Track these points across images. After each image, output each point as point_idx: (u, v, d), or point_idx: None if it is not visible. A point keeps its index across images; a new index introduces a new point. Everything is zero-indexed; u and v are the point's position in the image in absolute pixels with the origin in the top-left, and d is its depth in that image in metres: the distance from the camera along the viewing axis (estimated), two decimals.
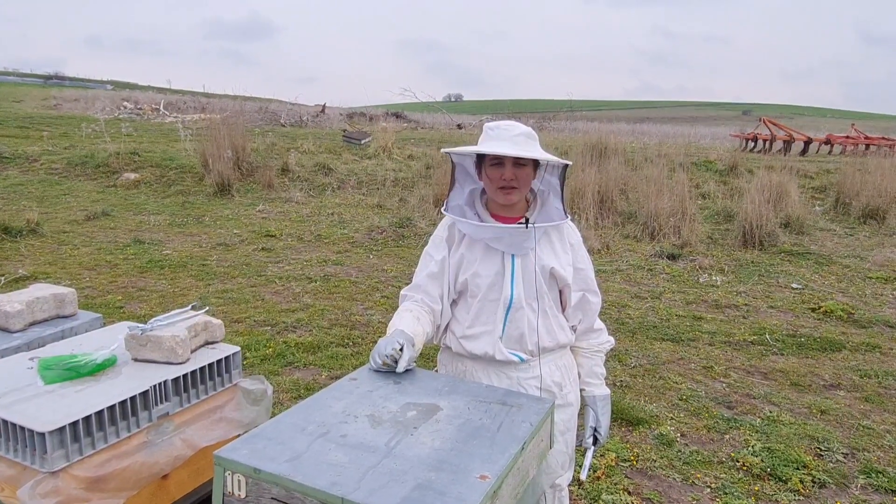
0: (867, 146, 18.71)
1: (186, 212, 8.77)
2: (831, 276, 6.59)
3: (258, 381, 1.77)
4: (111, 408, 1.42)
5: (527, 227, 1.67)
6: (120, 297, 5.16)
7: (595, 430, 1.84)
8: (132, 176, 10.39)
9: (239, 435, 1.75)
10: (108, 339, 1.75)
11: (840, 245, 7.92)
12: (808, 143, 18.63)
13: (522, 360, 1.75)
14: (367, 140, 14.03)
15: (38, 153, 11.33)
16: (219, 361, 1.70)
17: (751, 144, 19.39)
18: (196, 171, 10.49)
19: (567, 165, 1.75)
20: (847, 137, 19.82)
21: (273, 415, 1.68)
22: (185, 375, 1.60)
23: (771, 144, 18.66)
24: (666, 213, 8.03)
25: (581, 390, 1.88)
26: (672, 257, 7.07)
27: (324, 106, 26.39)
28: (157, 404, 1.52)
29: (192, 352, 1.69)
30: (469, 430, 1.27)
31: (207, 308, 1.81)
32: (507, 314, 1.73)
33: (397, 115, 27.41)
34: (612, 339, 1.93)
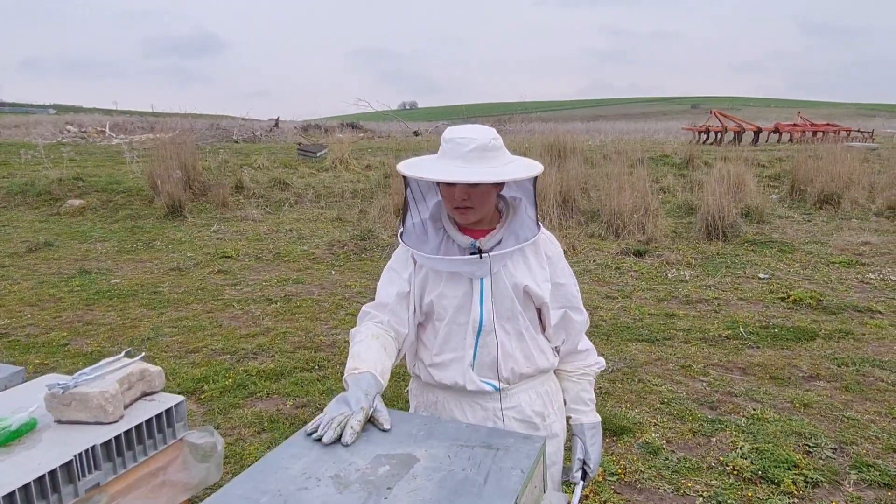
0: (814, 133, 19.26)
1: (136, 237, 8.37)
2: (795, 263, 6.62)
3: (206, 433, 1.55)
4: (25, 487, 1.19)
5: (480, 257, 1.50)
6: (65, 334, 4.81)
7: (584, 462, 1.66)
8: (76, 202, 9.90)
9: (188, 500, 1.53)
10: (28, 399, 1.51)
11: (800, 231, 8.01)
12: (757, 132, 19.09)
13: (497, 389, 1.57)
14: (322, 152, 13.76)
15: None
16: (158, 416, 1.47)
17: (703, 137, 19.76)
18: (145, 194, 10.07)
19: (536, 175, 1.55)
20: (794, 125, 20.39)
21: (226, 473, 1.45)
22: (117, 437, 1.37)
23: (722, 136, 19.04)
24: (629, 209, 8.00)
25: (567, 418, 1.71)
26: (639, 254, 7.03)
27: (277, 120, 25.95)
28: (84, 475, 1.29)
29: (127, 407, 1.46)
30: (452, 485, 1.09)
31: (143, 354, 1.58)
32: (477, 339, 1.55)
33: (353, 126, 27.13)
34: (601, 360, 1.76)
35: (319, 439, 1.22)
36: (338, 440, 1.23)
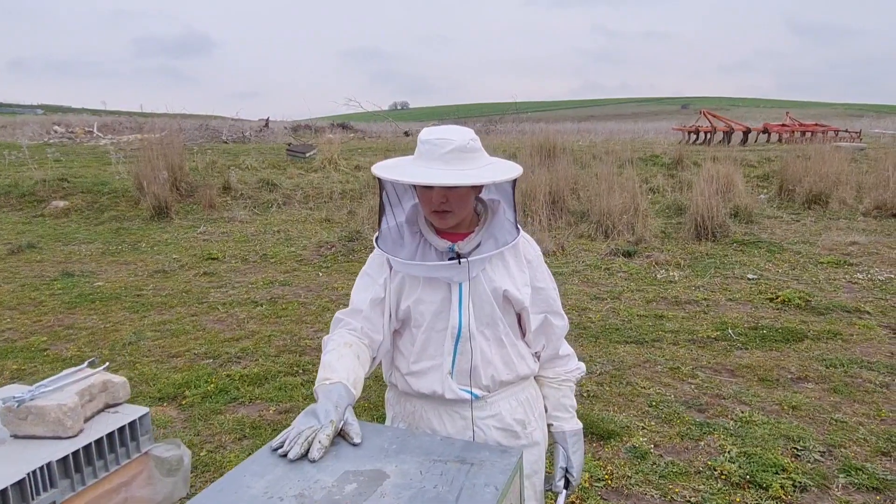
0: (802, 133, 19.35)
1: (121, 238, 8.26)
2: (784, 263, 6.61)
3: (173, 445, 1.49)
4: None
5: (459, 262, 1.45)
6: (45, 338, 4.72)
7: (566, 471, 1.61)
8: (61, 204, 9.77)
9: None
10: None
11: (789, 231, 8.01)
12: (746, 132, 19.14)
13: (477, 398, 1.52)
14: (311, 153, 13.66)
15: None
16: (121, 429, 1.41)
17: (693, 137, 19.80)
18: (131, 195, 9.95)
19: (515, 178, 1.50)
20: (783, 125, 20.46)
21: (205, 483, 1.40)
22: (76, 452, 1.31)
23: (712, 136, 19.08)
24: (618, 210, 7.98)
25: (549, 425, 1.66)
26: (628, 255, 7.00)
27: (267, 120, 25.79)
28: (38, 494, 1.23)
29: (87, 420, 1.40)
30: (421, 503, 1.03)
31: (107, 364, 1.52)
32: (455, 345, 1.50)
33: (343, 126, 27.00)
34: (582, 365, 1.71)
35: (285, 455, 1.17)
36: (305, 456, 1.17)
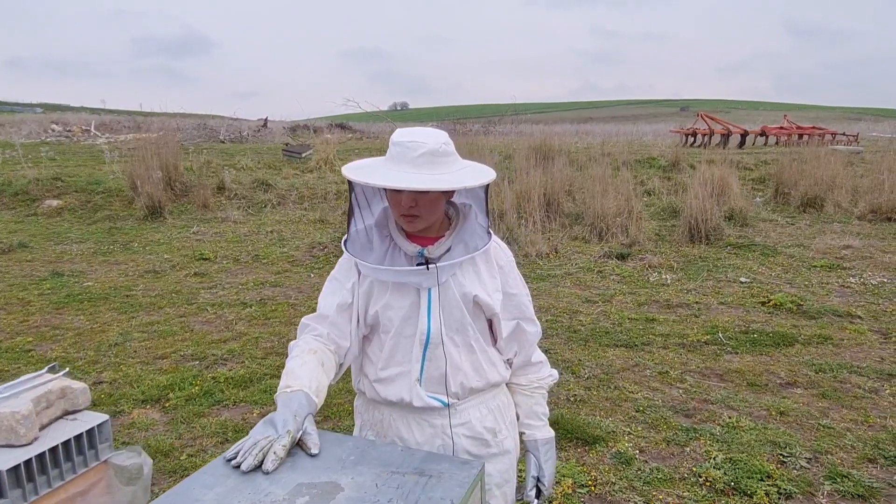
0: (800, 136, 19.34)
1: (113, 238, 8.23)
2: (777, 266, 6.59)
3: (134, 453, 1.46)
4: None
5: (427, 269, 1.42)
6: (31, 339, 4.68)
7: (538, 479, 1.59)
8: (54, 203, 9.74)
9: None
10: None
11: (783, 235, 7.99)
12: (744, 135, 19.14)
13: (446, 405, 1.49)
14: (307, 153, 13.64)
15: None
16: (79, 436, 1.38)
17: (690, 139, 19.79)
18: (125, 195, 9.92)
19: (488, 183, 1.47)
20: (781, 128, 20.46)
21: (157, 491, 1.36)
22: (28, 461, 1.28)
23: (710, 139, 19.08)
24: (613, 212, 7.95)
25: (521, 433, 1.63)
26: (621, 257, 6.97)
27: (265, 120, 25.75)
28: None
29: (44, 427, 1.37)
30: None
31: (67, 370, 1.49)
32: (424, 352, 1.47)
33: (342, 126, 26.97)
34: (554, 372, 1.68)
35: (238, 466, 1.14)
36: (259, 467, 1.14)
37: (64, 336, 4.74)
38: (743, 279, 6.13)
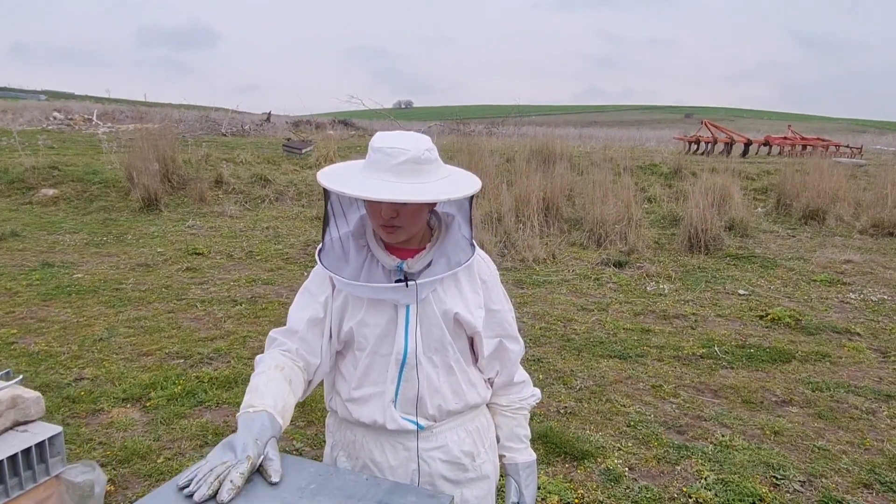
0: (804, 147, 19.26)
1: (107, 229, 8.14)
2: (776, 279, 6.51)
3: (88, 468, 1.38)
4: None
5: (406, 285, 1.34)
6: (15, 331, 4.60)
7: None
8: (50, 192, 9.65)
9: None
10: None
11: (783, 247, 7.91)
12: (747, 144, 19.06)
13: (422, 428, 1.41)
14: (308, 149, 13.56)
15: None
16: (27, 450, 1.30)
17: (694, 147, 19.71)
18: (121, 186, 9.84)
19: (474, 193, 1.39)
20: (784, 138, 20.38)
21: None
22: None
23: (713, 147, 19.00)
24: (612, 219, 7.87)
25: (500, 457, 1.55)
26: (619, 265, 6.89)
27: (269, 114, 25.68)
28: None
29: None
30: None
31: (21, 377, 1.41)
32: (400, 372, 1.39)
33: (345, 123, 26.89)
34: (537, 391, 1.60)
35: (191, 496, 1.05)
36: (214, 497, 1.05)
37: (49, 329, 4.66)
38: (741, 291, 6.05)
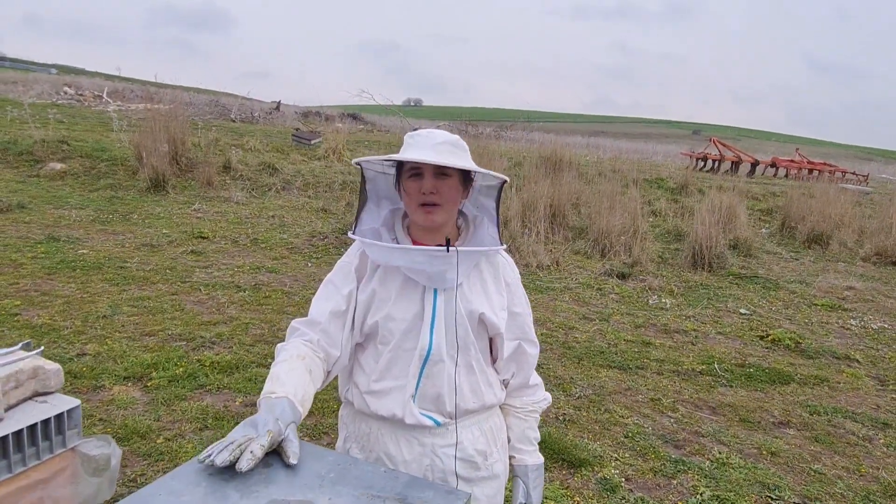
0: (810, 171, 19.27)
1: (113, 207, 8.15)
2: (778, 301, 6.52)
3: (103, 442, 1.39)
4: None
5: (448, 250, 1.35)
6: (18, 303, 4.61)
7: None
8: (58, 166, 9.65)
9: None
10: None
11: (786, 269, 7.92)
12: (754, 164, 19.08)
13: (438, 424, 1.42)
14: (317, 141, 13.56)
15: None
16: (46, 421, 1.30)
17: (700, 163, 19.72)
18: (130, 164, 9.83)
19: (504, 182, 1.44)
20: (791, 161, 20.39)
21: (158, 473, 1.29)
22: None
23: (720, 164, 19.01)
24: (617, 230, 7.89)
25: (510, 458, 1.56)
26: (622, 276, 6.90)
27: (279, 103, 25.67)
28: None
29: (10, 408, 1.30)
30: None
31: (41, 348, 1.42)
32: (422, 368, 1.40)
33: (354, 117, 26.88)
34: (548, 395, 1.62)
35: (212, 463, 1.06)
36: (233, 465, 1.06)
37: (52, 303, 4.67)
38: (743, 311, 6.06)
